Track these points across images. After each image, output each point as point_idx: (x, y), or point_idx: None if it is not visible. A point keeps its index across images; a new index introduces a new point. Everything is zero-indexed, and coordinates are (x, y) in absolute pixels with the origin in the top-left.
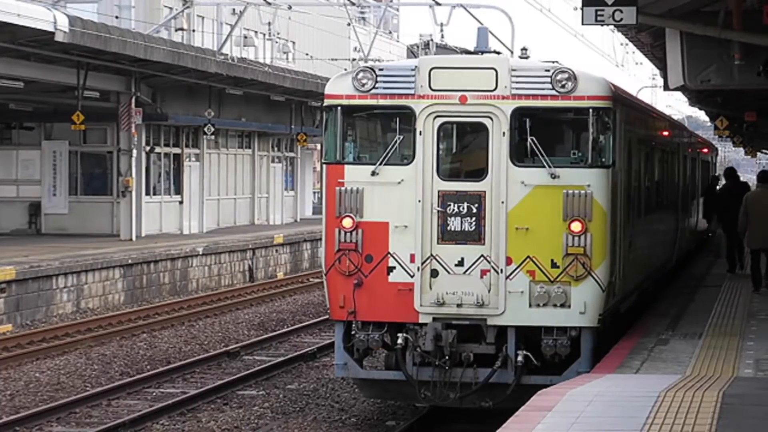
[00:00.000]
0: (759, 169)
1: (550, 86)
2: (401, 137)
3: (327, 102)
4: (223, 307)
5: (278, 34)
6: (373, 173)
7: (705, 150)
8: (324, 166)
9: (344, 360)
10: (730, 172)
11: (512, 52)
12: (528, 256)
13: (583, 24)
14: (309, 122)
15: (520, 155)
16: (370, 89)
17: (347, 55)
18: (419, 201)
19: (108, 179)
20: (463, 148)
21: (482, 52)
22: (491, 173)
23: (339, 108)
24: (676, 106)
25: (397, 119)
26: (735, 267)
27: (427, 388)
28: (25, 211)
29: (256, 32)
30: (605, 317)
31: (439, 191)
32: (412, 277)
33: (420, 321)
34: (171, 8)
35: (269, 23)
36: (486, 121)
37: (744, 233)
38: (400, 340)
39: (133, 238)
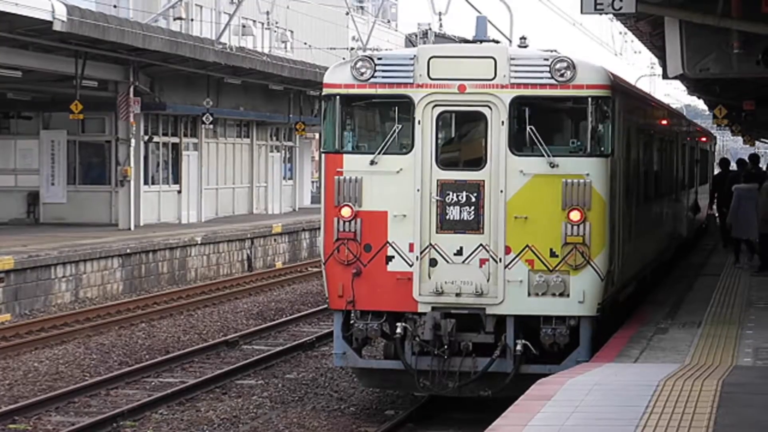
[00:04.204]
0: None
1: (548, 75)
2: (400, 126)
3: (326, 91)
4: (222, 296)
5: (276, 23)
6: (372, 162)
7: (704, 139)
8: (323, 155)
9: (343, 349)
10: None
11: (511, 41)
12: (527, 245)
13: (582, 13)
14: (307, 111)
15: (519, 144)
16: (369, 78)
17: (345, 44)
18: (418, 190)
19: (106, 168)
20: (462, 137)
21: (481, 41)
22: (490, 162)
23: (337, 97)
24: (674, 94)
25: (396, 108)
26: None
27: (426, 377)
28: (23, 200)
29: (254, 21)
30: (604, 306)
31: (437, 180)
32: (410, 266)
33: (419, 310)
34: None
35: (267, 12)
36: (485, 110)
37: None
38: (398, 330)
39: (132, 227)
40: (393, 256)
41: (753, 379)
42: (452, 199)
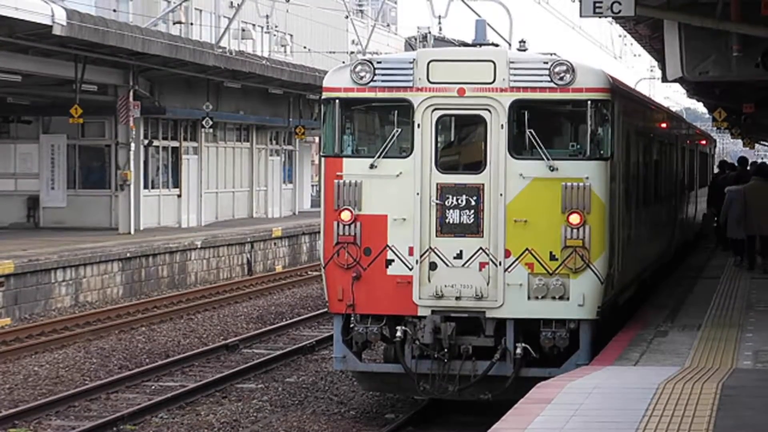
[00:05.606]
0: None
1: (548, 78)
2: (399, 130)
3: (325, 95)
4: (222, 300)
5: (276, 26)
6: (372, 166)
7: (703, 142)
8: (322, 159)
9: (343, 353)
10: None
11: (510, 45)
12: (526, 249)
13: (581, 16)
14: (307, 115)
15: (518, 148)
16: (369, 82)
17: (345, 47)
18: (418, 194)
19: (106, 173)
20: (462, 140)
21: (480, 45)
22: (489, 166)
23: (337, 101)
24: (674, 97)
25: (396, 112)
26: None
27: (425, 381)
28: (23, 204)
29: (253, 25)
30: (604, 309)
31: (437, 184)
32: (410, 269)
33: (419, 314)
34: (169, 1)
35: (267, 16)
36: (484, 114)
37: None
38: (398, 333)
39: (132, 231)
40: (393, 260)
41: (753, 382)
42: (452, 202)
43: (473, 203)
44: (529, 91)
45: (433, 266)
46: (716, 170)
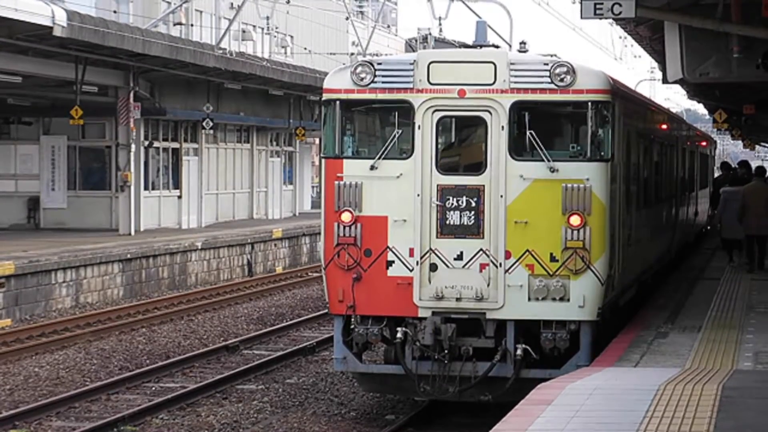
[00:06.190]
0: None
1: (548, 80)
2: (400, 131)
3: (325, 96)
4: (222, 301)
5: (276, 28)
6: (372, 167)
7: (703, 143)
8: (323, 160)
9: (343, 354)
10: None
11: (511, 46)
12: (527, 250)
13: (581, 17)
14: (307, 116)
15: (518, 149)
16: (369, 83)
17: (345, 49)
18: (418, 195)
19: (106, 174)
20: (462, 142)
21: (481, 46)
22: (490, 167)
23: (338, 102)
24: (674, 99)
25: (396, 113)
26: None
27: (426, 382)
28: (23, 205)
29: (254, 26)
30: (604, 311)
31: (438, 185)
32: (411, 271)
33: (419, 315)
34: (169, 2)
35: (267, 17)
36: (485, 115)
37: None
38: (399, 334)
39: (132, 232)
40: (393, 261)
41: (753, 384)
42: (452, 203)
43: (474, 204)
44: (530, 93)
45: (433, 267)
46: (717, 173)
